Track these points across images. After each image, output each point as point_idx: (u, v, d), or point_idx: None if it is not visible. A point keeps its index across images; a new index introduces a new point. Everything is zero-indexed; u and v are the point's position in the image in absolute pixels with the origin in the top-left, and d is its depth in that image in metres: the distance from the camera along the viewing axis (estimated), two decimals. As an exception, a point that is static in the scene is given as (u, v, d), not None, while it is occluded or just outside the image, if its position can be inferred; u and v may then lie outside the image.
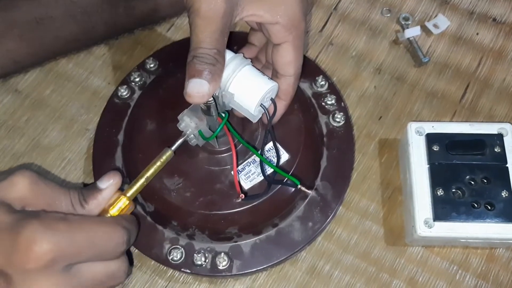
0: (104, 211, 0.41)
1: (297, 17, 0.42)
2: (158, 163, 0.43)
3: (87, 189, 0.42)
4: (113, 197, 0.42)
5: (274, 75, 0.45)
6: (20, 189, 0.38)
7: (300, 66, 0.45)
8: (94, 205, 0.41)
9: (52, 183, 0.40)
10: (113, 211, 0.41)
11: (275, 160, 0.46)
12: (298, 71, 0.45)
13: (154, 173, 0.43)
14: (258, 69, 0.43)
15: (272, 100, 0.44)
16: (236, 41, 0.47)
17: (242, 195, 0.44)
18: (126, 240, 0.40)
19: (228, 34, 0.40)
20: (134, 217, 0.43)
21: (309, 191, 0.46)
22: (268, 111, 0.43)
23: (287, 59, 0.44)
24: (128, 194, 0.42)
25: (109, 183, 0.42)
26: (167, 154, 0.43)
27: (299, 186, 0.43)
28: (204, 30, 0.38)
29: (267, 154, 0.47)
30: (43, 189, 0.39)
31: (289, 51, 0.43)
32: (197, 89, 0.38)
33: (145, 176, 0.43)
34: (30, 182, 0.39)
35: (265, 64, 0.48)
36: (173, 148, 0.43)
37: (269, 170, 0.46)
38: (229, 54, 0.42)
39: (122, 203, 0.42)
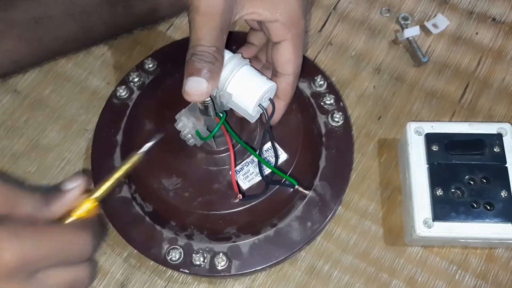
0: (69, 212, 0.41)
1: (297, 15, 0.42)
2: (126, 167, 0.43)
3: (53, 191, 0.41)
4: (79, 198, 0.41)
5: (274, 75, 0.45)
6: None
7: (300, 65, 0.45)
8: (58, 206, 0.40)
9: (15, 187, 0.39)
10: (78, 213, 0.41)
11: (273, 160, 0.46)
12: (297, 70, 0.45)
13: (123, 175, 0.43)
14: (257, 69, 0.43)
15: (271, 100, 0.44)
16: (236, 40, 0.47)
17: (240, 196, 0.44)
18: (93, 245, 0.39)
19: (228, 32, 0.40)
20: (100, 219, 0.43)
21: (306, 192, 0.46)
22: (266, 111, 0.43)
23: (286, 58, 0.43)
24: (94, 196, 0.42)
25: (73, 185, 0.41)
26: (135, 158, 0.43)
27: (296, 186, 0.43)
28: (203, 27, 0.38)
29: (266, 154, 0.47)
30: (5, 193, 0.38)
31: (289, 49, 0.43)
32: (196, 87, 0.38)
33: (113, 178, 0.42)
34: None
35: (265, 64, 0.48)
36: (140, 152, 0.43)
37: (268, 170, 0.46)
38: (227, 54, 0.42)
39: (88, 205, 0.41)
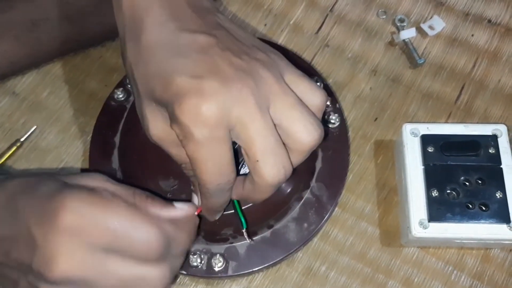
0: None
1: None
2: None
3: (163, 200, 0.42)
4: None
5: None
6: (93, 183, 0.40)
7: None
8: (157, 211, 0.40)
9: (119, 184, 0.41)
10: None
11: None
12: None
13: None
14: None
15: None
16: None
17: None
18: (162, 245, 0.38)
19: None
20: (190, 226, 0.43)
21: (248, 240, 0.46)
22: None
23: None
24: None
25: (182, 208, 0.42)
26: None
27: (243, 230, 0.45)
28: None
29: None
30: (109, 183, 0.40)
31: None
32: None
33: None
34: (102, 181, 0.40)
35: None
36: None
37: None
38: None
39: None
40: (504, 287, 0.48)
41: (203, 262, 0.47)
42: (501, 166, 0.47)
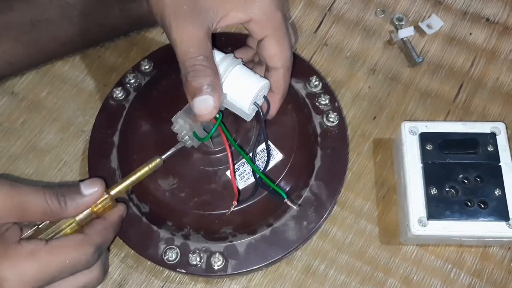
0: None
1: (271, 9, 0.42)
2: (146, 169, 0.44)
3: (68, 189, 0.42)
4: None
5: (266, 70, 0.45)
6: None
7: (288, 58, 0.44)
8: (72, 207, 0.42)
9: (24, 188, 0.41)
10: (97, 208, 0.43)
11: (269, 160, 0.46)
12: (286, 63, 0.44)
13: (141, 178, 0.44)
14: (250, 68, 0.43)
15: (265, 97, 0.44)
16: (231, 42, 0.48)
17: (235, 202, 0.44)
18: (97, 254, 0.42)
19: (211, 39, 0.41)
20: (110, 221, 0.44)
21: (294, 206, 0.45)
22: (261, 109, 0.43)
23: (272, 52, 0.43)
24: (112, 193, 0.44)
25: (93, 191, 0.43)
26: (156, 162, 0.44)
27: (285, 200, 0.43)
28: (184, 40, 0.40)
29: (262, 155, 0.47)
30: (15, 198, 0.40)
31: (272, 44, 0.43)
32: (204, 106, 0.39)
33: (131, 179, 0.44)
34: (3, 194, 0.39)
35: (257, 61, 0.48)
36: (164, 157, 0.44)
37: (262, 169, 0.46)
38: (219, 55, 0.42)
39: (106, 203, 0.43)
40: (503, 285, 0.48)
41: (202, 260, 0.47)
42: (500, 164, 0.47)
